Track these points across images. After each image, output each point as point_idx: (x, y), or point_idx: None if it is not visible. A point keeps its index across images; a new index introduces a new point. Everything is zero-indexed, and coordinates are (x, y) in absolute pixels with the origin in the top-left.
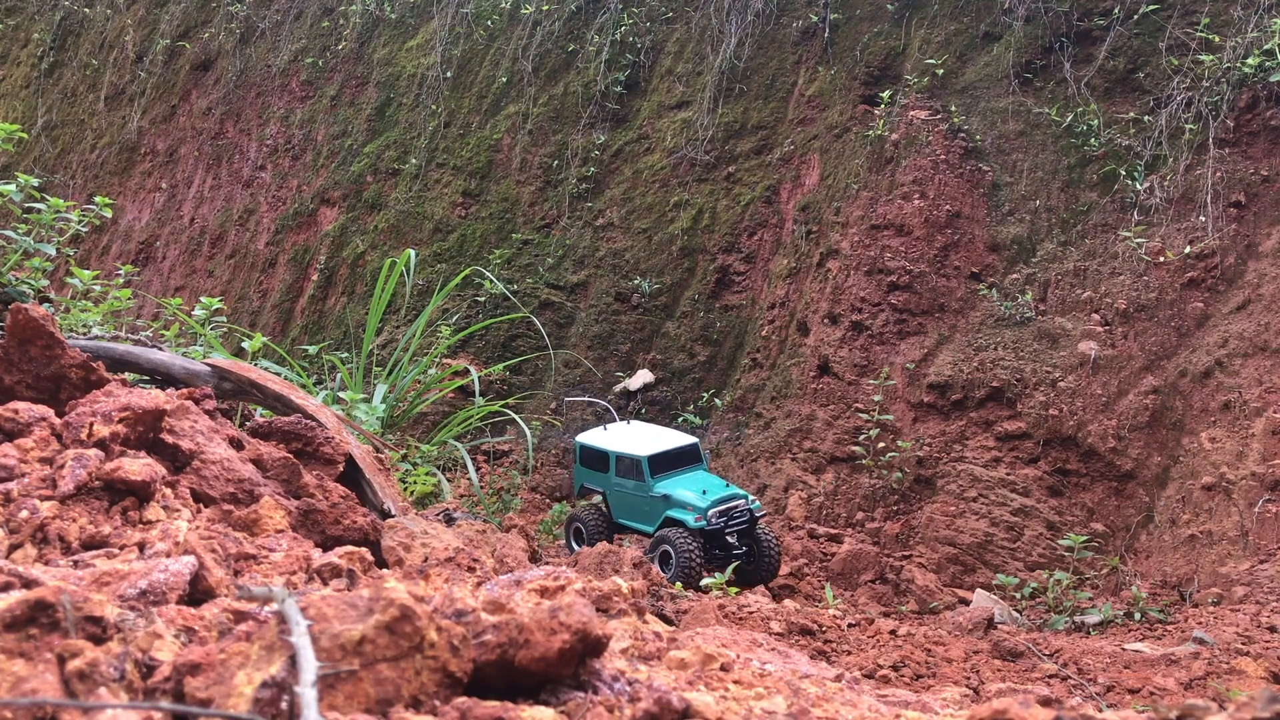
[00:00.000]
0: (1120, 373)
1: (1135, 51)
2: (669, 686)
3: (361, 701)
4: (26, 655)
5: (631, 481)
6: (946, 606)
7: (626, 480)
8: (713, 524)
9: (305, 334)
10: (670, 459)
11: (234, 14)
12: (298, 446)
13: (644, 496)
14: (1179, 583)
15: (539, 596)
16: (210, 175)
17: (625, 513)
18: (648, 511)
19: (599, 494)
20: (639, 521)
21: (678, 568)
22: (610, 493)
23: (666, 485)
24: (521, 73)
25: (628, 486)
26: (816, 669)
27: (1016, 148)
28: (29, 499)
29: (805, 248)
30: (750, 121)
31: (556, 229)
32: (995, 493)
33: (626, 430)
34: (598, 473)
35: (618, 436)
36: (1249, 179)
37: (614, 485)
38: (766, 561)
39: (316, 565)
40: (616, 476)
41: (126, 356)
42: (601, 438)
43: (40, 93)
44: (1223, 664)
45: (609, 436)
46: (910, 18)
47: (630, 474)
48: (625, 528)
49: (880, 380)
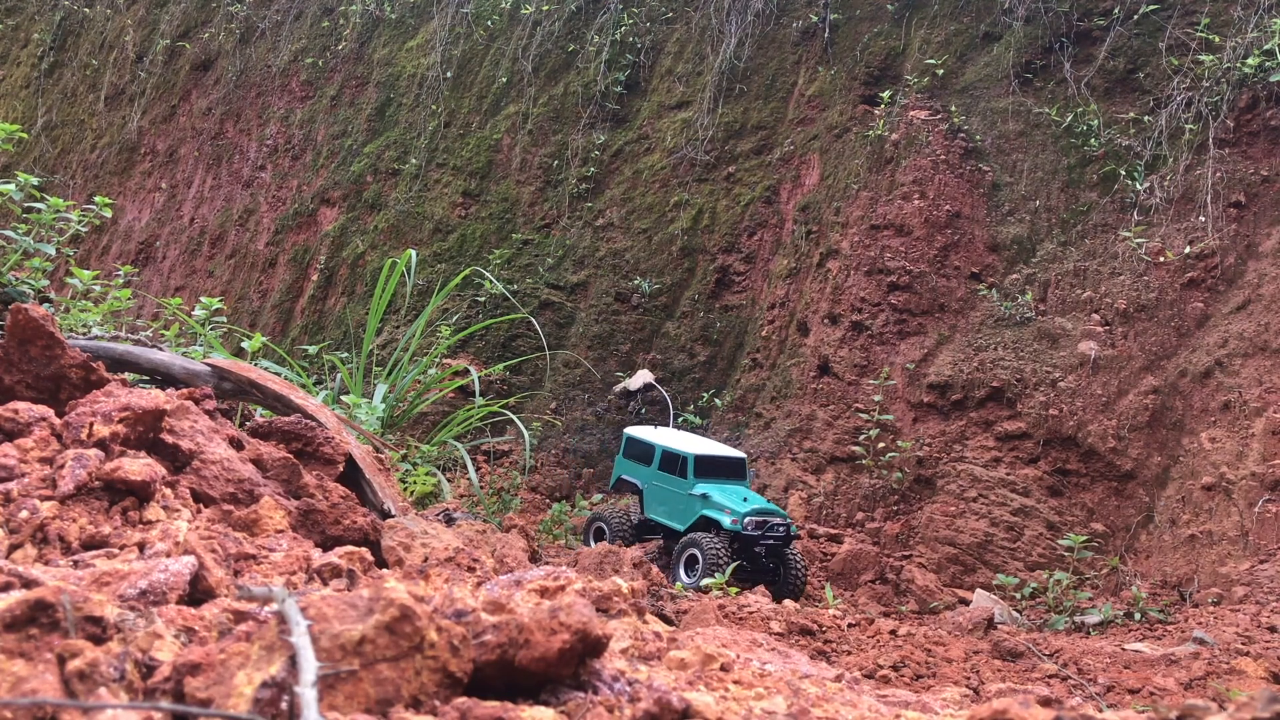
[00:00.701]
0: (1120, 373)
1: (1135, 51)
2: (669, 686)
3: (361, 701)
4: (26, 655)
5: (673, 478)
6: (946, 606)
7: (668, 476)
8: (748, 530)
9: (305, 334)
10: (716, 465)
11: (234, 14)
12: (298, 446)
13: (682, 494)
14: (1179, 583)
15: (539, 596)
16: (210, 175)
17: (658, 510)
18: (682, 510)
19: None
20: (671, 519)
21: (704, 568)
22: (647, 487)
23: (707, 487)
24: (521, 73)
25: (667, 483)
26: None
27: (1016, 148)
28: (29, 499)
29: (805, 248)
30: (750, 121)
31: (556, 229)
32: (995, 493)
33: (677, 433)
34: (639, 465)
35: (667, 435)
36: (1249, 179)
37: (653, 480)
38: (792, 584)
39: (316, 565)
40: (658, 471)
41: (126, 356)
42: (651, 433)
43: (40, 93)
44: (1223, 664)
45: (659, 434)
46: (910, 18)
47: (673, 470)
48: (654, 525)
49: (880, 380)
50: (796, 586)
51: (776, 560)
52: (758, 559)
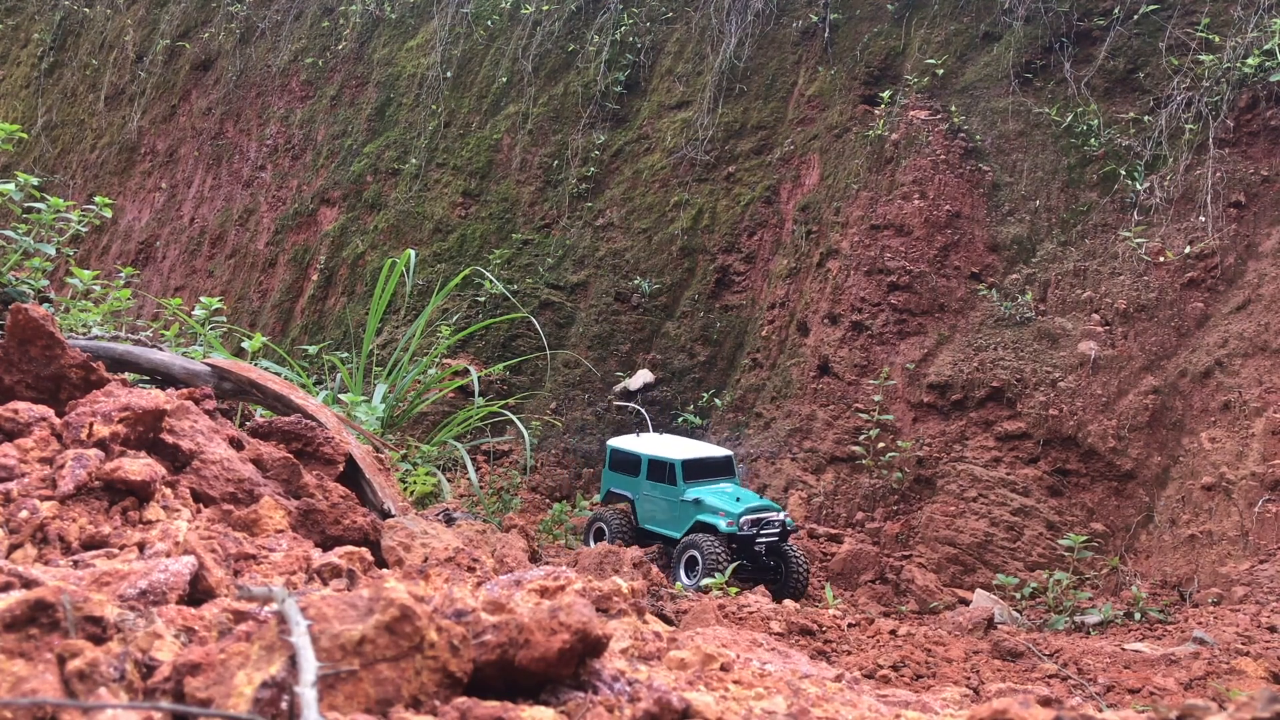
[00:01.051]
0: (1120, 373)
1: (1135, 51)
2: (669, 686)
3: (361, 701)
4: (26, 655)
5: (662, 486)
6: (946, 606)
7: (657, 485)
8: (744, 530)
9: (305, 334)
10: (703, 467)
11: (234, 14)
12: (298, 446)
13: (674, 501)
14: (1179, 583)
15: (539, 596)
16: (210, 175)
17: (652, 519)
18: (676, 517)
19: (626, 500)
20: (666, 527)
21: (703, 570)
22: (638, 498)
23: (698, 491)
24: (521, 73)
25: (658, 491)
26: (816, 669)
27: (1016, 148)
28: (29, 499)
29: (805, 248)
30: (750, 121)
31: (556, 229)
32: (995, 493)
33: (659, 438)
34: (627, 477)
35: (651, 442)
36: (1249, 179)
37: (643, 490)
38: (794, 579)
39: (316, 565)
40: (647, 481)
41: (126, 356)
42: (634, 442)
43: (40, 93)
44: (1223, 664)
45: (641, 442)
46: (910, 18)
47: (661, 478)
48: (651, 534)
49: (880, 380)
50: (799, 584)
51: (778, 558)
52: (758, 557)
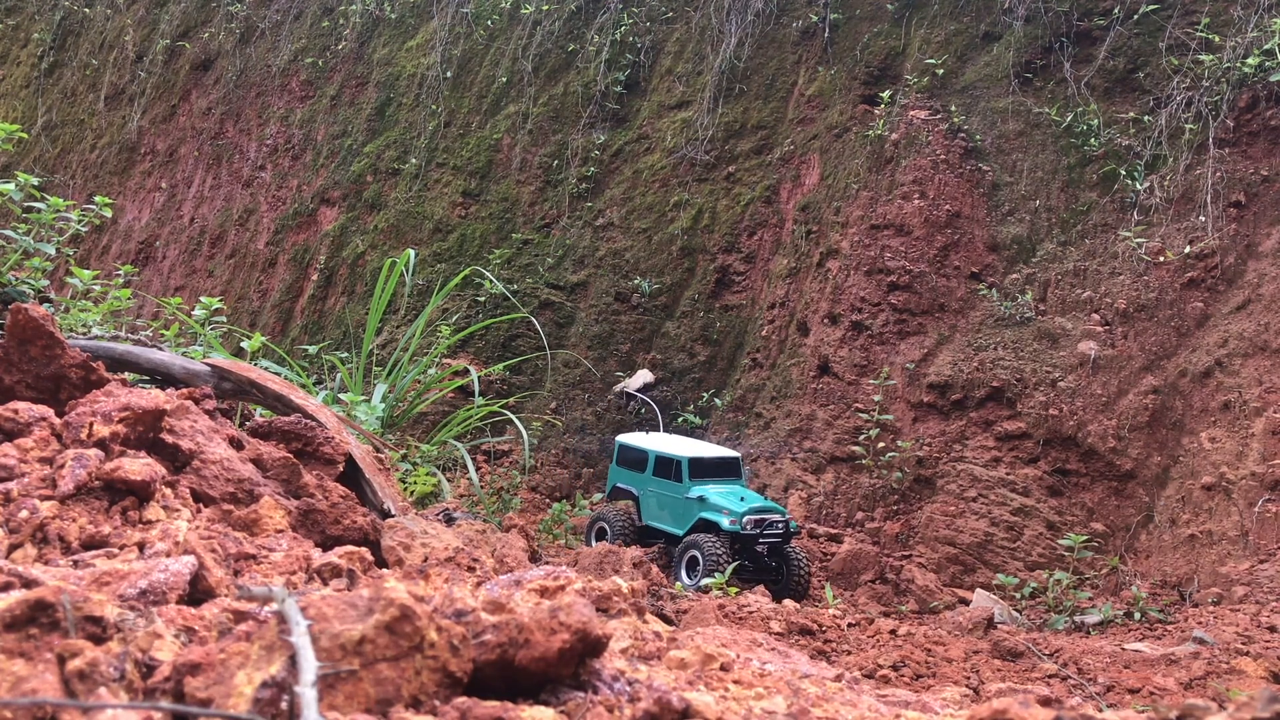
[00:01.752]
0: (1120, 373)
1: (1135, 51)
2: (669, 686)
3: (361, 701)
4: (26, 655)
5: (667, 483)
6: (946, 606)
7: (663, 481)
8: (747, 530)
9: (305, 334)
10: (710, 466)
11: (234, 14)
12: (298, 446)
13: (678, 498)
14: (1179, 583)
15: (539, 596)
16: (210, 175)
17: (656, 515)
18: (680, 514)
19: (630, 496)
20: (669, 524)
21: (704, 569)
22: (643, 493)
23: (703, 489)
24: (521, 73)
25: (663, 488)
26: (816, 669)
27: (1016, 148)
28: (29, 499)
29: (805, 248)
30: (750, 121)
31: (556, 229)
32: (995, 493)
33: (668, 437)
34: (633, 473)
35: (659, 439)
36: (1249, 179)
37: (648, 486)
38: (796, 581)
39: (316, 565)
40: (653, 477)
41: (126, 356)
42: (642, 439)
43: (40, 93)
44: (1223, 664)
45: (650, 439)
46: (910, 18)
47: (667, 475)
48: (654, 531)
49: (880, 380)
50: (800, 585)
51: (779, 559)
52: (759, 558)
